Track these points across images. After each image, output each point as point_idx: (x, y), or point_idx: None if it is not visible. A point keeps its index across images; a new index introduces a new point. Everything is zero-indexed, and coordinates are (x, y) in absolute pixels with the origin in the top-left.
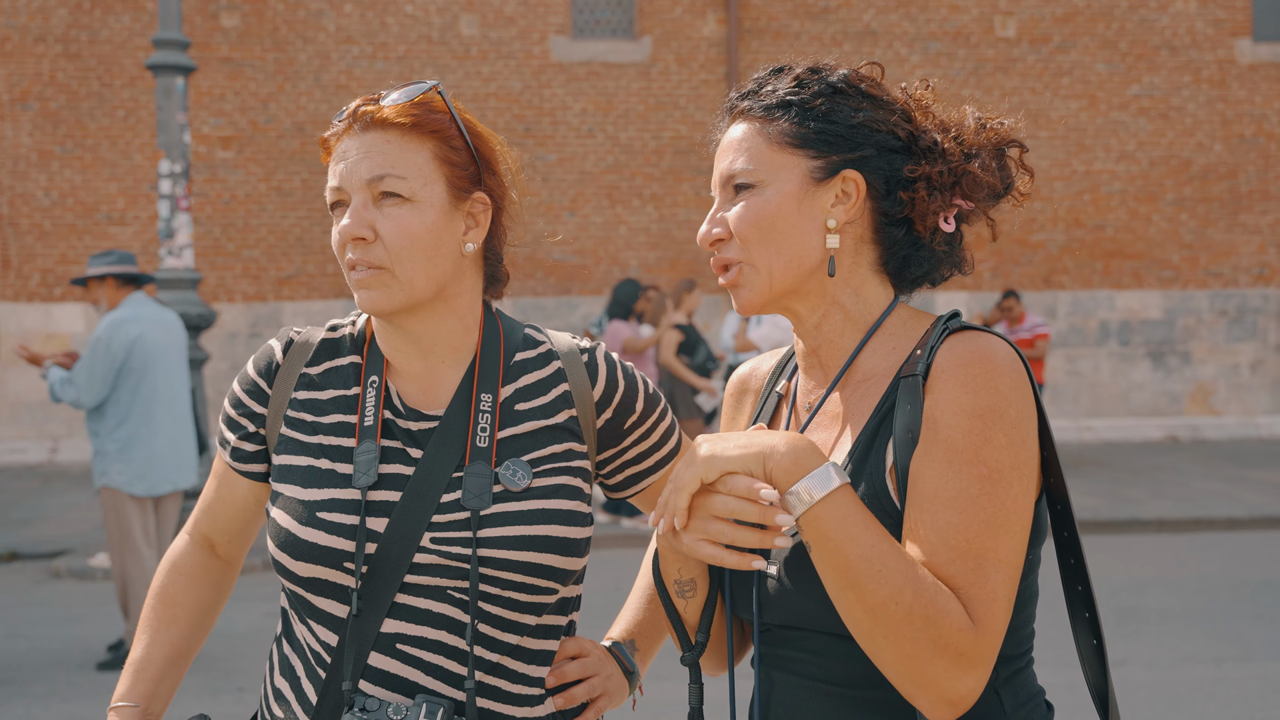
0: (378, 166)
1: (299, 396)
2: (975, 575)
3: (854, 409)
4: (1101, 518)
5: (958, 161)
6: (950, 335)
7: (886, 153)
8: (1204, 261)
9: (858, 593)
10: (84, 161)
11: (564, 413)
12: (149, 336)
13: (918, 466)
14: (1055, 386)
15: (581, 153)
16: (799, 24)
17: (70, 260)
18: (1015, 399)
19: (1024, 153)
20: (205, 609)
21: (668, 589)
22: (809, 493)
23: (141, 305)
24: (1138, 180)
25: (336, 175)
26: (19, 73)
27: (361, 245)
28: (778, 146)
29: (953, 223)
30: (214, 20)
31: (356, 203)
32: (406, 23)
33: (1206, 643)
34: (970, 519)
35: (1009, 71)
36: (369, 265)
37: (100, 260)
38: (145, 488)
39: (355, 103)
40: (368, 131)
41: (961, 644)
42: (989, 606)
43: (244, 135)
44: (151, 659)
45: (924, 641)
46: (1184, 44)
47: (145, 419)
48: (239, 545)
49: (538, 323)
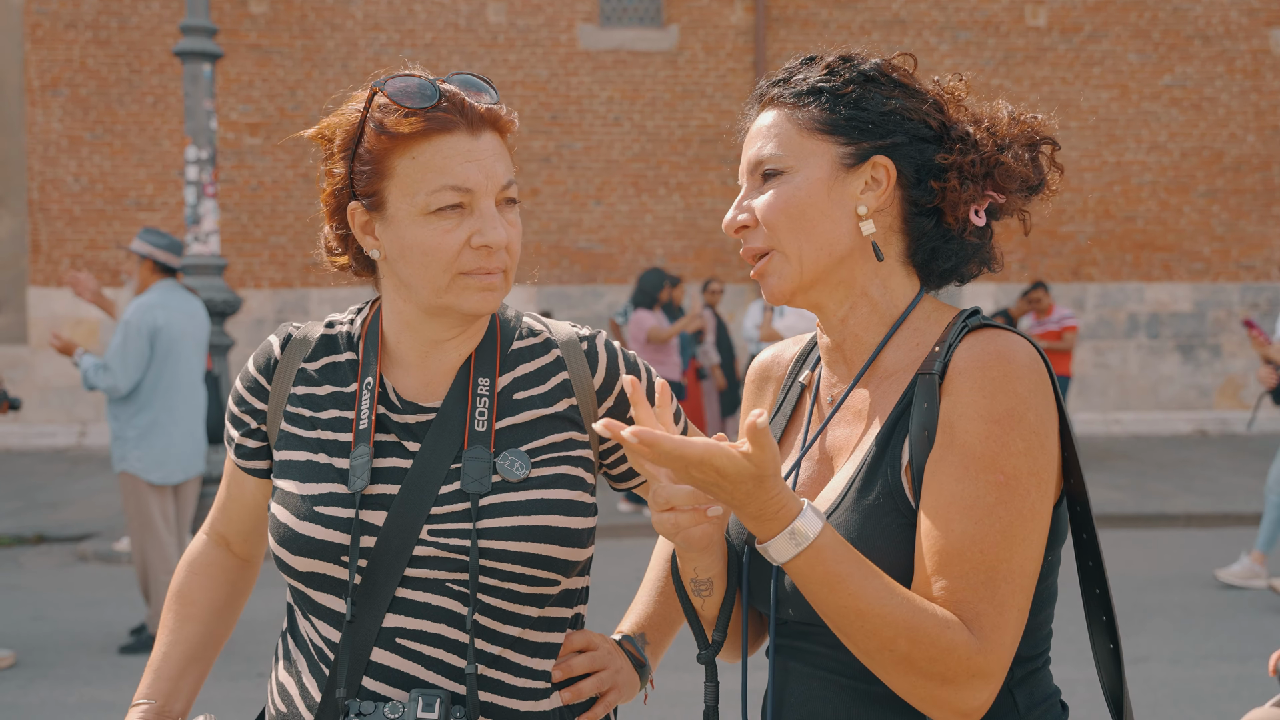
0: (507, 172)
1: (297, 392)
2: (986, 589)
3: (877, 405)
4: (1128, 512)
5: (990, 152)
6: (969, 333)
7: (918, 141)
8: (1235, 254)
9: (862, 623)
10: (113, 148)
11: (564, 401)
12: (174, 324)
13: (933, 471)
14: (1083, 379)
15: (608, 141)
16: (827, 12)
17: (99, 245)
18: (1034, 402)
19: (1055, 150)
20: (222, 606)
21: (685, 588)
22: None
23: (169, 292)
24: (1169, 171)
25: (465, 176)
26: (50, 59)
27: (493, 252)
28: (807, 133)
29: (984, 216)
30: (243, 7)
31: (491, 209)
32: (434, 10)
33: (1231, 640)
34: (985, 528)
35: (1039, 61)
36: (500, 269)
37: (151, 238)
38: (162, 475)
39: (460, 94)
40: (485, 131)
41: (973, 665)
42: (997, 620)
43: (271, 122)
44: (169, 658)
45: (935, 668)
46: (1218, 34)
47: (166, 407)
48: (254, 543)
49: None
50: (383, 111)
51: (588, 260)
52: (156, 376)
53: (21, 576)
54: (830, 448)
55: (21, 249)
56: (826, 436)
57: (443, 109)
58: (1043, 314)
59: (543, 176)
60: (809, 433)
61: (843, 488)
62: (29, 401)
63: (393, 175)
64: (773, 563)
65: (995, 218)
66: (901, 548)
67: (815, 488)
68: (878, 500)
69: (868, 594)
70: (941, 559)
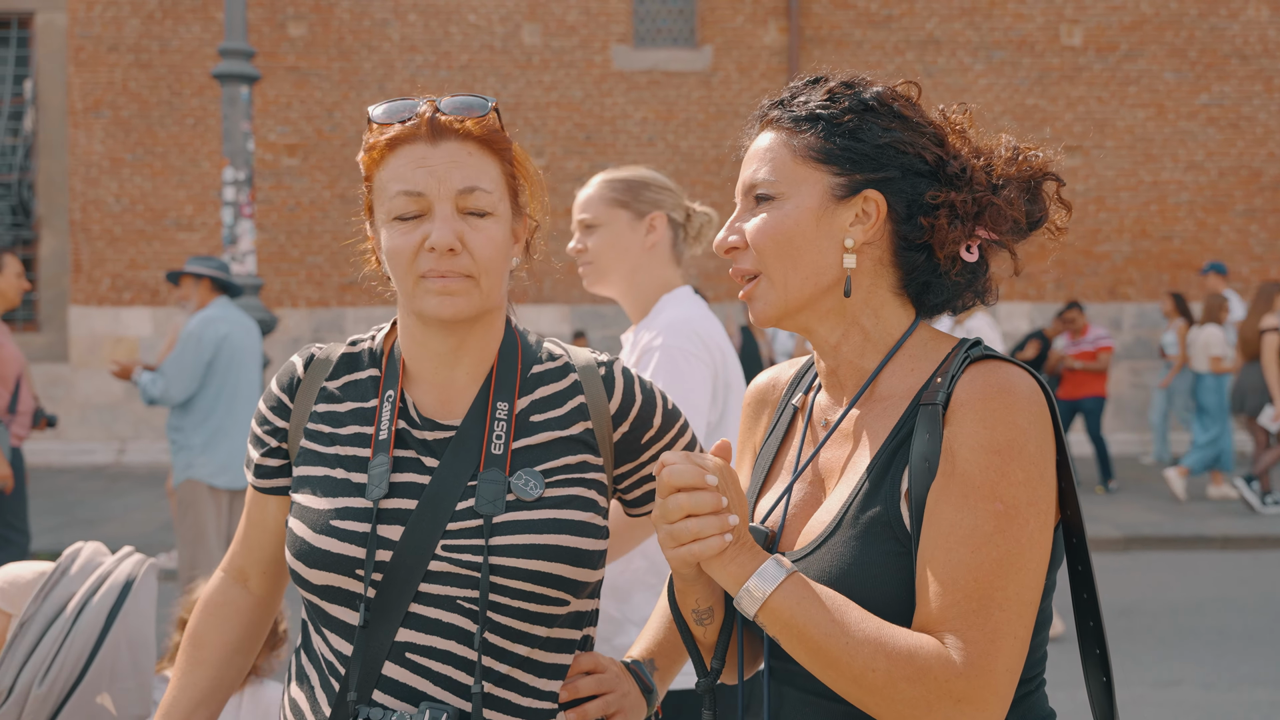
0: (469, 178)
1: (319, 409)
2: (977, 616)
3: (871, 429)
4: (1164, 534)
5: (983, 191)
6: (971, 364)
7: (911, 175)
8: (1274, 273)
9: (835, 670)
10: (154, 169)
11: (579, 425)
12: (235, 336)
13: (934, 500)
14: (1119, 399)
15: (642, 161)
16: (861, 32)
17: (139, 265)
18: (1034, 433)
19: (1061, 186)
20: (233, 649)
21: (685, 618)
22: (759, 589)
23: (228, 307)
24: (1206, 191)
25: (417, 181)
26: (92, 81)
27: (450, 256)
28: (802, 160)
29: (975, 251)
30: (281, 30)
31: (445, 213)
32: (470, 32)
33: (1266, 664)
34: (982, 557)
35: (1075, 80)
36: (459, 274)
37: (200, 263)
38: (228, 480)
39: (422, 107)
40: (446, 140)
41: (955, 690)
42: (986, 647)
43: (309, 143)
44: (178, 702)
45: (914, 698)
46: (1255, 52)
47: (229, 414)
48: (273, 578)
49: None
50: (369, 132)
51: None
52: (220, 386)
53: None
54: (823, 470)
55: (64, 268)
56: (820, 459)
57: (408, 122)
58: (1077, 334)
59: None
60: (802, 455)
61: (838, 511)
62: (69, 419)
63: (374, 188)
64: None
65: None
66: (897, 575)
67: (808, 511)
68: (874, 527)
69: (844, 615)
70: (936, 587)
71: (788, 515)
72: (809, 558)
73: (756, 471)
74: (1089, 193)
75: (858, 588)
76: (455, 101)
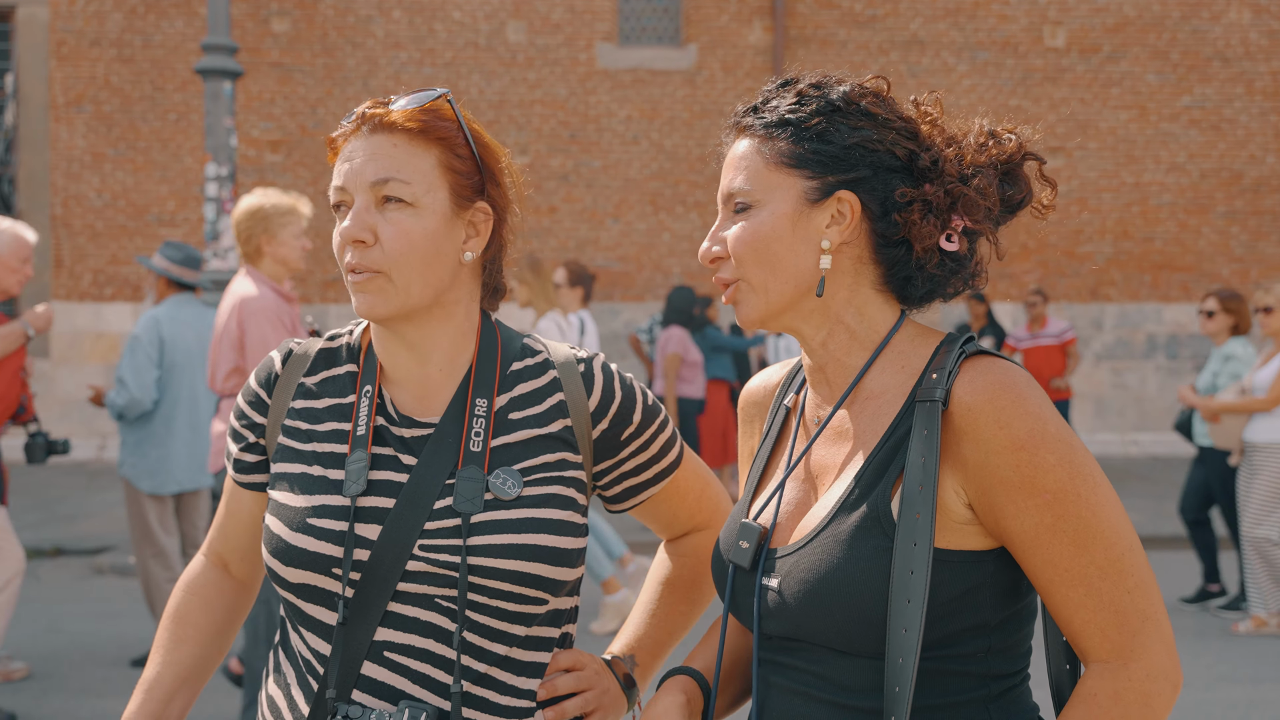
0: (383, 169)
1: (296, 405)
2: (1114, 621)
3: (864, 427)
4: (1145, 533)
5: (953, 182)
6: (966, 360)
7: (884, 172)
8: (1255, 275)
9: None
10: (136, 164)
11: (558, 422)
12: (180, 339)
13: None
14: (1101, 399)
15: (626, 159)
16: (845, 32)
17: (121, 261)
18: (1048, 414)
19: (1042, 165)
20: (217, 630)
21: None
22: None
23: (181, 306)
24: (1188, 192)
25: (341, 175)
26: (74, 76)
27: (361, 248)
28: (774, 166)
29: (956, 240)
30: (265, 25)
31: (359, 205)
32: (454, 29)
33: (1243, 663)
34: (1061, 554)
35: (1058, 81)
36: (367, 269)
37: (169, 252)
38: (152, 485)
39: (364, 105)
40: (375, 134)
41: (1144, 690)
42: (1140, 626)
43: (292, 139)
44: (160, 679)
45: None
46: (1237, 55)
47: (164, 419)
48: (252, 564)
49: None
50: None
51: (605, 278)
52: (159, 389)
53: (38, 589)
54: (815, 469)
55: (45, 264)
56: (812, 458)
57: (351, 120)
58: (1036, 324)
59: (561, 194)
60: (794, 454)
61: (831, 508)
62: (50, 415)
63: None
64: None
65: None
66: (882, 570)
67: (801, 509)
68: (864, 523)
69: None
70: (1065, 613)
71: (780, 512)
72: (799, 553)
73: (752, 472)
74: (1071, 194)
75: (844, 582)
76: (405, 98)
